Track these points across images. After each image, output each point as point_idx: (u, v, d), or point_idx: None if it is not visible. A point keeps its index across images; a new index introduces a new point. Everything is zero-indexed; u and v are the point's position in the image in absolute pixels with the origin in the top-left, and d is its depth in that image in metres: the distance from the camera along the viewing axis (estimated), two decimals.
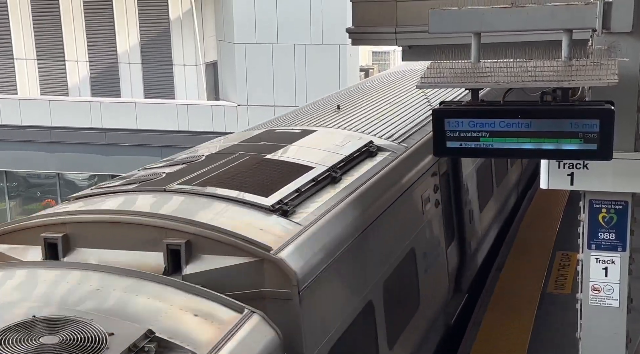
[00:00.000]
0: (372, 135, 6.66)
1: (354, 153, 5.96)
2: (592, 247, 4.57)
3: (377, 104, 8.19)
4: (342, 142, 6.27)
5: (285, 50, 20.26)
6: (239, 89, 20.99)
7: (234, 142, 6.29)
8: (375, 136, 6.63)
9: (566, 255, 8.66)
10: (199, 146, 6.70)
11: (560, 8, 3.89)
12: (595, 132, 3.75)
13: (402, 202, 5.97)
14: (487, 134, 3.93)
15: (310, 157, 5.71)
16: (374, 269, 5.25)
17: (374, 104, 8.22)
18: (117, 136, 21.49)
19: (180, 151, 6.87)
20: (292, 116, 7.96)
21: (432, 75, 4.02)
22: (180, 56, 22.02)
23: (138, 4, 21.77)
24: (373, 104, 8.22)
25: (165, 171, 5.23)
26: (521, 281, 8.07)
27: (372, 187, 5.56)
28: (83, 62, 22.56)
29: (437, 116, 3.99)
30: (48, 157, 22.15)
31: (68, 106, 22.01)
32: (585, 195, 4.53)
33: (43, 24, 22.42)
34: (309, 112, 8.00)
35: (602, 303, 4.59)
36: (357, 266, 4.98)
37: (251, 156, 5.58)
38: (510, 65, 3.96)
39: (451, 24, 4.12)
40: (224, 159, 5.48)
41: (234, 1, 20.30)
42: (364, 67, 23.42)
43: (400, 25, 6.74)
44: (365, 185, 5.50)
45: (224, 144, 6.31)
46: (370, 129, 6.85)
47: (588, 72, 3.76)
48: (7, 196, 23.17)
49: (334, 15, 19.51)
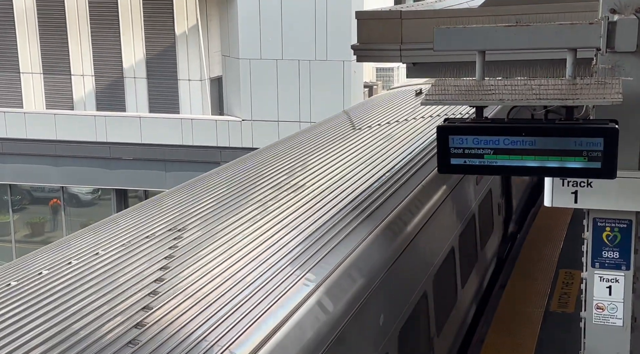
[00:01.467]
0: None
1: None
2: (596, 266, 4.56)
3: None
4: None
5: (289, 66, 20.36)
6: (244, 104, 21.07)
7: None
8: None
9: (570, 273, 8.64)
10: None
11: (565, 27, 3.91)
12: (599, 150, 3.76)
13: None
14: (492, 152, 3.94)
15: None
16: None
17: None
18: (121, 150, 21.55)
19: (185, 165, 7.12)
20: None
21: (436, 92, 4.03)
22: (185, 71, 22.13)
23: (144, 19, 21.92)
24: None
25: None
26: (524, 299, 8.04)
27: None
28: (89, 76, 22.68)
29: (441, 132, 4.00)
30: (53, 170, 22.21)
31: (73, 120, 22.10)
32: (589, 213, 4.53)
33: (49, 38, 22.57)
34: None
35: (606, 321, 4.57)
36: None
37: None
38: (515, 83, 3.98)
39: (456, 42, 4.14)
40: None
41: (239, 17, 20.44)
42: (368, 83, 23.50)
43: (405, 42, 6.78)
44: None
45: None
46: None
47: (592, 90, 3.78)
48: (10, 209, 23.21)
49: (339, 32, 19.62)
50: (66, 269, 4.42)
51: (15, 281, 4.33)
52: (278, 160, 7.09)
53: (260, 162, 7.07)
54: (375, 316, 4.91)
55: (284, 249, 4.70)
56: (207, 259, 4.44)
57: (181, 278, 4.16)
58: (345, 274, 4.68)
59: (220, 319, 3.73)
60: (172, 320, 3.68)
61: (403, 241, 5.69)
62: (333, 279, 4.53)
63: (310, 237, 4.95)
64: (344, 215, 5.43)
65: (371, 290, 4.84)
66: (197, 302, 3.87)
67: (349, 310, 4.48)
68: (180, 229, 5.02)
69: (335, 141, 7.80)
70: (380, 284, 5.02)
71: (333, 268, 4.63)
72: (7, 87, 23.23)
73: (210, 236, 4.86)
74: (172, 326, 3.62)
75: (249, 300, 3.98)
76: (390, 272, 5.26)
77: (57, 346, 3.40)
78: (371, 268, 5.01)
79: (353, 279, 4.74)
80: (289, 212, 5.37)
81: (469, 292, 7.64)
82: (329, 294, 4.37)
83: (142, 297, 3.91)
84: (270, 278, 4.26)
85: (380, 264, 5.17)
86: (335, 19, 19.73)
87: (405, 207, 6.06)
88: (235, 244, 4.71)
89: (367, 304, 4.74)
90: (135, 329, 3.55)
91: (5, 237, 23.32)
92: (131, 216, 5.56)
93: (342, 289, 4.55)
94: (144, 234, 4.92)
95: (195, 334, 3.57)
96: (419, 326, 6.00)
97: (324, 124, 9.41)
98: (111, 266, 4.39)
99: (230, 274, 4.25)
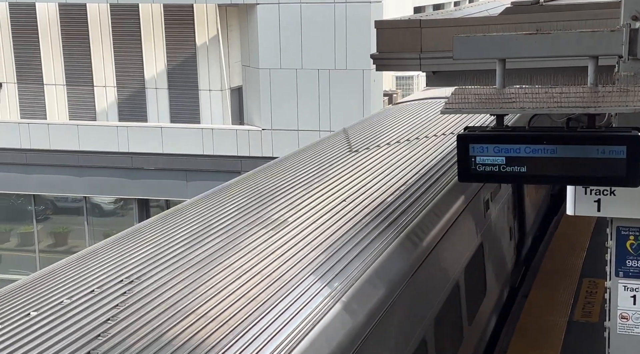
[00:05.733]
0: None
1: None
2: (620, 275, 4.51)
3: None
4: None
5: (309, 75, 20.42)
6: (264, 114, 21.16)
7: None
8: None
9: (593, 282, 8.54)
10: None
11: (586, 34, 3.89)
12: (622, 158, 3.73)
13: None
14: (513, 160, 3.93)
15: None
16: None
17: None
18: (143, 160, 21.74)
19: (206, 175, 7.14)
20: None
21: (456, 100, 4.03)
22: (206, 81, 22.30)
23: (165, 30, 22.14)
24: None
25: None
26: (547, 308, 7.96)
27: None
28: (111, 87, 22.94)
29: (462, 141, 3.99)
30: (75, 181, 22.45)
31: (96, 131, 22.35)
32: (613, 222, 4.48)
33: (72, 50, 22.88)
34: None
35: (631, 331, 4.52)
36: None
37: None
38: (536, 91, 3.96)
39: (476, 50, 4.14)
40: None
41: (259, 27, 20.56)
42: (388, 92, 23.49)
43: (424, 51, 6.78)
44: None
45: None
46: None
47: (614, 98, 3.75)
48: (34, 220, 23.48)
49: (358, 41, 19.65)
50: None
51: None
52: (296, 170, 7.03)
53: (279, 172, 7.05)
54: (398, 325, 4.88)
55: (304, 261, 4.69)
56: (222, 275, 4.41)
57: (199, 292, 4.16)
58: (368, 284, 4.66)
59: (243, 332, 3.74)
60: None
61: (424, 251, 5.66)
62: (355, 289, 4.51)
63: (330, 248, 4.94)
64: (364, 225, 5.41)
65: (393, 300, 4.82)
66: (213, 320, 3.86)
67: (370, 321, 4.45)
68: (198, 242, 5.00)
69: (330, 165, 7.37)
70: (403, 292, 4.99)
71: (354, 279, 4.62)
72: (31, 99, 23.56)
73: (229, 248, 4.86)
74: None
75: (266, 314, 3.96)
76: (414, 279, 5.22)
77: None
78: (394, 276, 4.99)
79: (376, 288, 4.72)
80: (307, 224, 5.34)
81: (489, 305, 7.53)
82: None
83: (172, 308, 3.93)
84: (289, 290, 4.26)
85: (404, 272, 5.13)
86: (355, 28, 19.77)
87: (425, 217, 6.01)
88: (253, 257, 4.70)
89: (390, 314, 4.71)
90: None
91: (30, 247, 23.59)
92: (151, 228, 5.55)
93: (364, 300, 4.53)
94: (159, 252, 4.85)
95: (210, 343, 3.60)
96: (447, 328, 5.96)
97: (325, 141, 9.05)
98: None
99: (245, 289, 4.22)
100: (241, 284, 4.28)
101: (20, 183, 22.81)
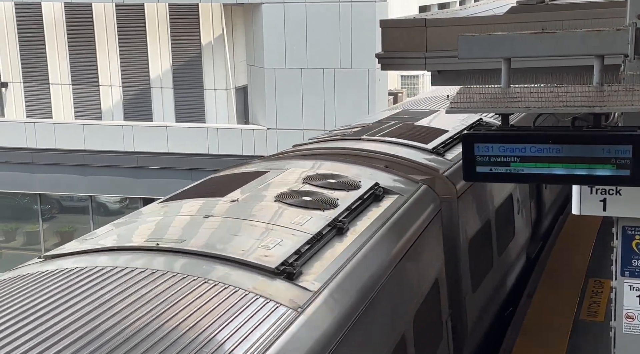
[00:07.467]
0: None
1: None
2: (626, 275, 4.50)
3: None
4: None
5: (314, 74, 20.43)
6: (269, 113, 21.17)
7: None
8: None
9: (599, 282, 8.52)
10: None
11: (592, 34, 3.88)
12: (627, 158, 3.72)
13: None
14: (518, 159, 3.92)
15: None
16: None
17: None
18: (148, 159, 21.77)
19: (210, 174, 7.15)
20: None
21: (462, 100, 4.02)
22: (211, 81, 22.33)
23: (170, 30, 22.18)
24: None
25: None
26: (553, 308, 7.95)
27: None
28: (116, 87, 22.99)
29: (467, 140, 3.99)
30: (81, 180, 22.51)
31: (101, 130, 22.40)
32: (618, 221, 4.47)
33: (78, 49, 22.94)
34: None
35: (637, 331, 4.51)
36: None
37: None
38: (541, 91, 3.95)
39: (481, 49, 4.14)
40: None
41: (264, 27, 20.58)
42: (393, 91, 23.47)
43: (429, 50, 6.77)
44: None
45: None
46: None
47: (620, 97, 3.74)
48: (40, 219, 23.55)
49: (363, 40, 19.65)
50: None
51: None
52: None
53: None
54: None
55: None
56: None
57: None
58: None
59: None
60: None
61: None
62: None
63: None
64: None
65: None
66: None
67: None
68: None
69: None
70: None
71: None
72: (37, 98, 23.64)
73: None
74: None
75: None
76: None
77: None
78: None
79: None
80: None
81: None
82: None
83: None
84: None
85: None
86: (360, 27, 19.76)
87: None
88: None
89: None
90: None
91: (35, 246, 23.67)
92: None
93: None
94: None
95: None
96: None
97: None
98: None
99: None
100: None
101: (25, 182, 22.88)
